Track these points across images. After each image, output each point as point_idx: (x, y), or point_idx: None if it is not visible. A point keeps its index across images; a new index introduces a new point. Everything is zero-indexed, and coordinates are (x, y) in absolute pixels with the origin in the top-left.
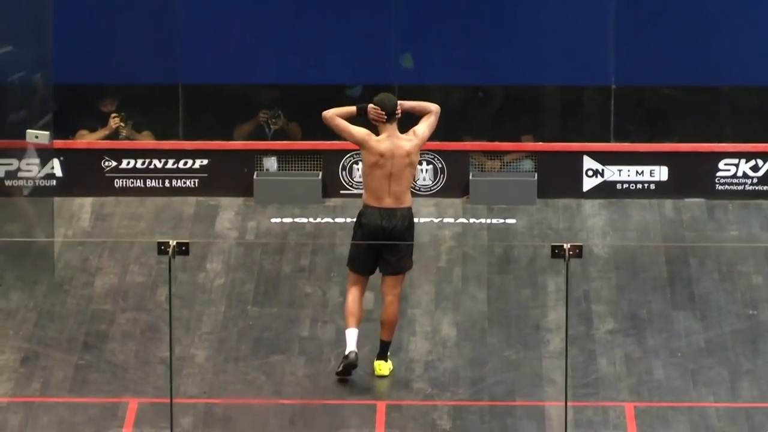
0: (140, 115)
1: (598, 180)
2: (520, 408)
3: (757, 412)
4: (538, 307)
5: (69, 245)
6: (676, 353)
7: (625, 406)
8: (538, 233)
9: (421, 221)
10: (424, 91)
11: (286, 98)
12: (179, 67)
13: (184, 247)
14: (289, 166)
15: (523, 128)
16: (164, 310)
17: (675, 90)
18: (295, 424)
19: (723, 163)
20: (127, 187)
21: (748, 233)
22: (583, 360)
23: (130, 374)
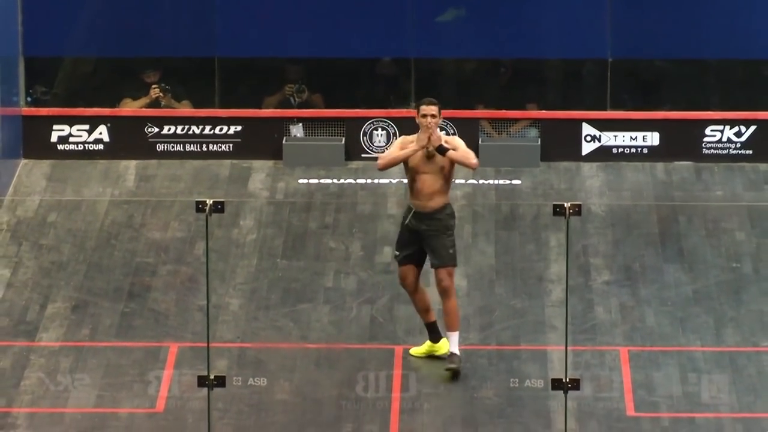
0: (180, 85)
1: (595, 145)
2: (525, 351)
3: (739, 356)
4: (541, 261)
5: (116, 204)
6: (666, 302)
7: (619, 350)
8: (541, 193)
9: None
10: (438, 64)
11: (310, 70)
12: (216, 42)
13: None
14: (315, 132)
15: (528, 98)
16: (201, 263)
17: (666, 62)
18: (320, 366)
19: (709, 129)
20: (168, 151)
21: (732, 193)
22: (582, 308)
23: (170, 321)
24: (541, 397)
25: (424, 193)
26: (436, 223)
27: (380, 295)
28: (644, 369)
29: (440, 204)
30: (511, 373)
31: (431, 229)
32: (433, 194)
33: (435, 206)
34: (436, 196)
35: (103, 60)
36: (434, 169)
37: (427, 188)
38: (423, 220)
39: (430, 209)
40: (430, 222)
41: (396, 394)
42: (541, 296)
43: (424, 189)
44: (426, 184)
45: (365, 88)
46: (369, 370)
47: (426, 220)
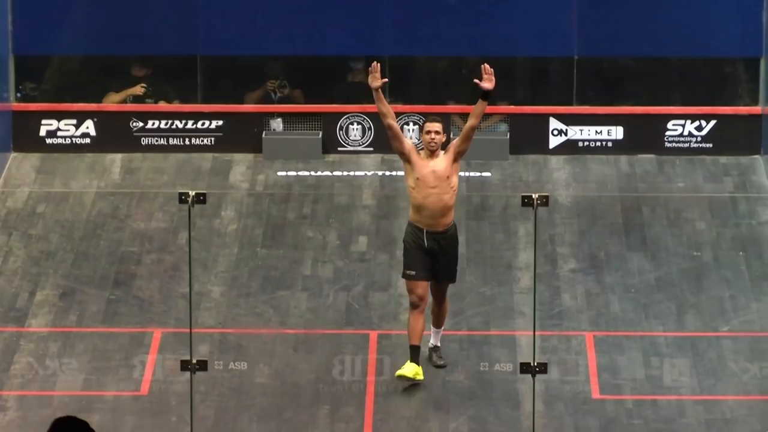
0: (164, 81)
1: (562, 138)
2: (494, 337)
3: (700, 341)
4: (510, 249)
5: (102, 195)
6: (630, 289)
7: (585, 335)
8: (510, 185)
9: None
10: (412, 62)
11: (290, 68)
12: (199, 40)
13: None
14: (293, 126)
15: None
16: (184, 252)
17: (630, 60)
18: (298, 350)
19: (671, 123)
20: (152, 144)
21: (693, 185)
22: (549, 295)
23: (154, 307)
24: (510, 381)
25: (436, 209)
26: (450, 240)
27: (356, 282)
28: (609, 353)
29: (451, 220)
30: (482, 357)
31: (447, 248)
32: (444, 210)
33: (447, 223)
34: (448, 213)
35: (90, 58)
36: (443, 182)
37: (438, 204)
38: (439, 239)
39: (443, 227)
40: (445, 240)
41: (371, 377)
42: (510, 283)
43: (436, 205)
44: (438, 200)
45: (340, 84)
46: (345, 354)
47: (441, 240)
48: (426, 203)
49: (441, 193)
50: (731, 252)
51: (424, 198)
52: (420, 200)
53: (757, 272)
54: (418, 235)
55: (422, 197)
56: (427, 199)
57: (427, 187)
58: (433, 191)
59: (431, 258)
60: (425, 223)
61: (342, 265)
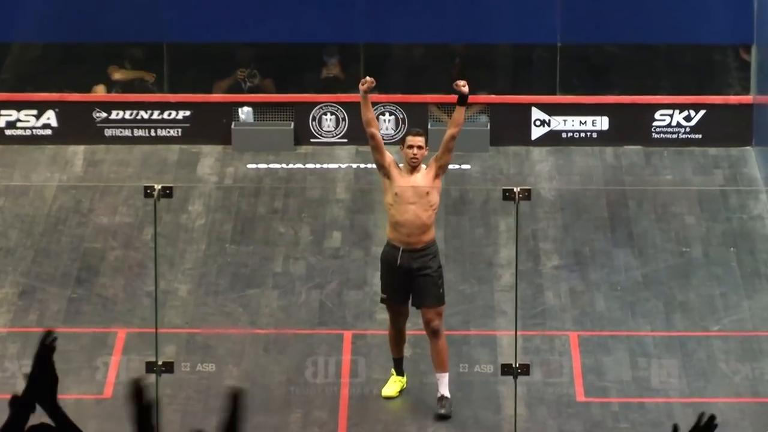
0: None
1: (545, 129)
2: (475, 337)
3: (689, 341)
4: (490, 245)
5: (63, 189)
6: (616, 287)
7: (569, 335)
8: (490, 178)
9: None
10: (387, 49)
11: (261, 56)
12: (165, 27)
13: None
14: (264, 117)
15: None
16: (150, 248)
17: (616, 47)
18: (269, 351)
19: (659, 113)
20: (116, 136)
21: (682, 177)
22: (532, 293)
23: (118, 306)
24: (491, 383)
25: (414, 226)
26: (427, 260)
27: (329, 280)
28: (594, 354)
29: (430, 238)
30: (461, 358)
31: (423, 268)
32: (423, 227)
33: (426, 241)
34: (426, 230)
35: (51, 46)
36: (422, 198)
37: (416, 221)
38: (414, 258)
39: (421, 245)
40: (422, 260)
41: (345, 379)
42: (490, 281)
43: (414, 222)
44: (415, 217)
45: (314, 73)
46: (318, 355)
47: (417, 258)
48: (403, 220)
49: (419, 209)
50: (722, 248)
51: (401, 214)
52: (397, 217)
53: (748, 269)
54: (393, 254)
55: (399, 213)
56: (404, 216)
57: (406, 202)
58: (411, 207)
59: (406, 279)
60: (402, 241)
61: (315, 262)
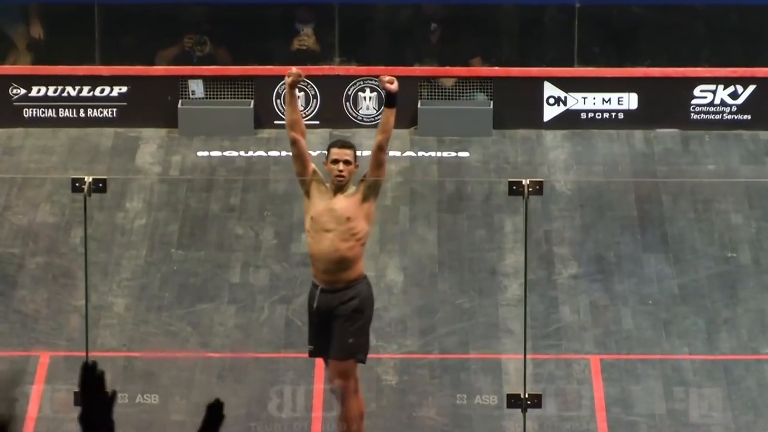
0: (53, 35)
1: (560, 109)
2: (475, 361)
3: (735, 365)
4: (494, 250)
5: None
6: (647, 300)
7: (590, 359)
8: (493, 168)
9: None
10: (368, 11)
11: (214, 18)
12: None
13: (101, 184)
14: (218, 93)
15: (476, 52)
16: (79, 254)
17: (645, 9)
18: (224, 379)
19: (698, 89)
20: (37, 117)
21: (726, 167)
22: (544, 308)
23: (41, 325)
24: (495, 417)
25: (330, 260)
26: (348, 303)
27: (298, 292)
28: (620, 382)
29: (354, 276)
30: (458, 387)
31: (343, 313)
32: (341, 262)
33: (348, 280)
34: (348, 266)
35: None
36: (341, 227)
37: (333, 254)
38: (332, 301)
39: (342, 284)
40: (342, 303)
41: (317, 413)
42: (494, 293)
43: (330, 255)
44: (332, 248)
45: (280, 40)
46: (284, 384)
47: (336, 301)
48: (317, 251)
49: (337, 239)
50: None
51: (316, 244)
52: (313, 247)
53: None
54: (312, 296)
55: (315, 243)
56: (318, 245)
57: (321, 229)
58: (328, 236)
59: (325, 326)
60: (320, 278)
61: (280, 271)
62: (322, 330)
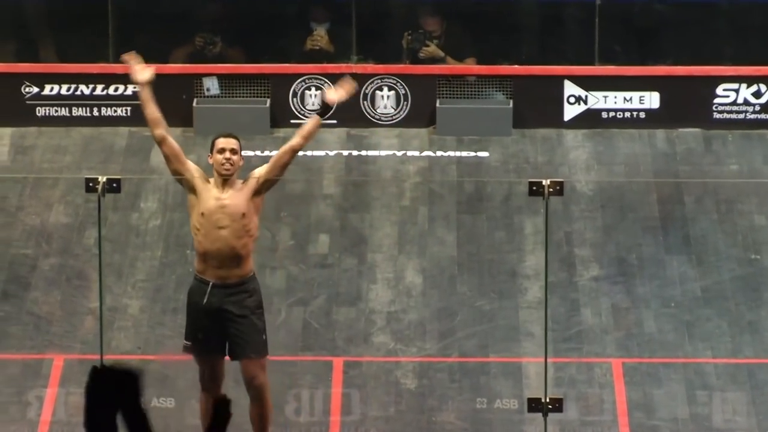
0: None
1: (581, 108)
2: (495, 364)
3: (760, 369)
4: (514, 252)
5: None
6: (670, 303)
7: (611, 362)
8: (513, 168)
9: (382, 154)
10: (385, 7)
11: (228, 16)
12: None
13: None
14: (234, 92)
15: (495, 50)
16: (93, 255)
17: (667, 6)
18: (240, 383)
19: (722, 88)
20: (50, 116)
21: (750, 167)
22: (565, 311)
23: (54, 327)
24: (516, 421)
25: (223, 256)
26: (244, 298)
27: (315, 294)
28: (642, 386)
29: (246, 272)
30: (478, 391)
31: (239, 308)
32: (236, 258)
33: (241, 275)
34: (243, 261)
35: None
36: (234, 221)
37: (229, 252)
38: (226, 296)
39: (235, 279)
40: (237, 297)
41: (335, 417)
42: (514, 296)
43: (222, 251)
44: (226, 246)
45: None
46: (301, 387)
47: (230, 296)
48: (212, 249)
49: (232, 236)
50: None
51: (209, 242)
52: (204, 244)
53: None
54: (200, 291)
55: (207, 240)
56: (213, 244)
57: (214, 227)
58: (222, 233)
59: (217, 323)
60: (211, 274)
61: (297, 272)
62: (209, 327)
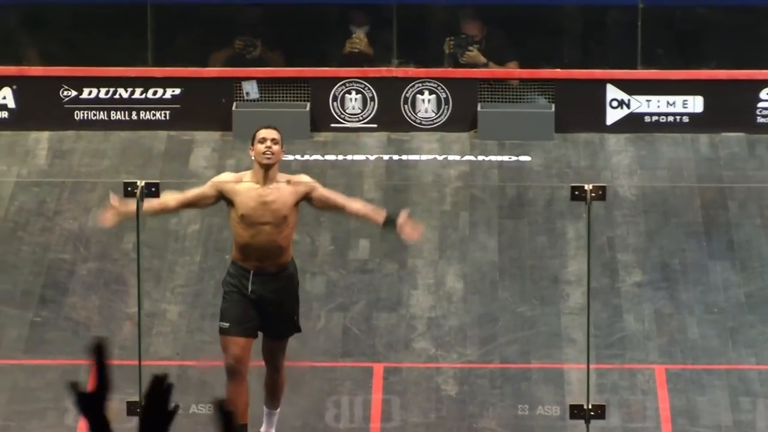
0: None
1: (623, 112)
2: (536, 371)
3: None
4: (556, 257)
5: (23, 186)
6: (713, 309)
7: (654, 369)
8: (555, 172)
9: (423, 159)
10: (425, 10)
11: (268, 19)
12: None
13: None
14: (273, 96)
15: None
16: (131, 260)
17: (710, 9)
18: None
19: (765, 92)
20: (89, 119)
21: None
22: (608, 317)
23: (92, 332)
24: (558, 428)
25: (265, 250)
26: (284, 284)
27: (355, 300)
28: (685, 392)
29: (286, 260)
30: (520, 397)
31: (280, 294)
32: (277, 250)
33: (282, 262)
34: (282, 252)
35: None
36: (277, 218)
37: (269, 244)
38: (267, 283)
39: (274, 269)
40: (276, 284)
41: (375, 424)
42: (556, 302)
43: (265, 245)
44: (268, 239)
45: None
46: (341, 394)
47: (270, 284)
48: (253, 243)
49: (274, 231)
50: None
51: (251, 235)
52: (246, 237)
53: None
54: (242, 278)
55: (248, 234)
56: (255, 238)
57: (256, 222)
58: (264, 228)
59: (256, 308)
60: (252, 264)
61: (337, 278)
62: (248, 312)
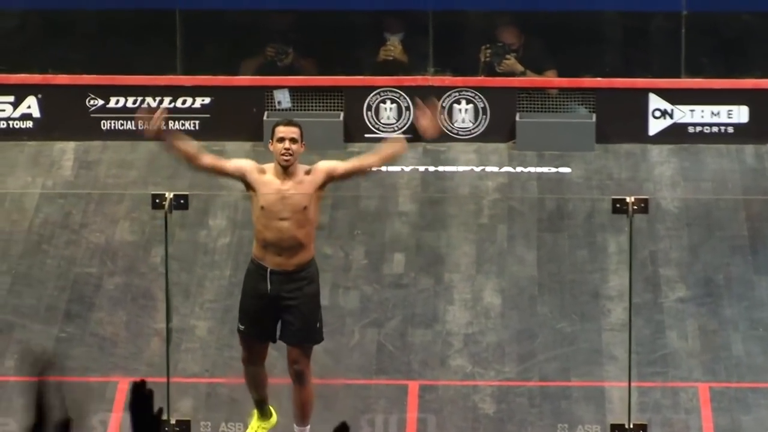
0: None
1: (666, 122)
2: (576, 389)
3: None
4: (596, 271)
5: (48, 198)
6: (758, 326)
7: (698, 387)
8: (596, 184)
9: (460, 170)
10: (461, 18)
11: (300, 26)
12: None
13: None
14: (306, 105)
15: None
16: (159, 274)
17: (755, 16)
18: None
19: None
20: (115, 129)
21: None
22: (650, 333)
23: (119, 349)
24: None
25: (284, 246)
26: (302, 285)
27: (390, 315)
28: (730, 411)
29: (306, 259)
30: (560, 416)
31: (295, 295)
32: (297, 247)
33: (300, 263)
34: (301, 250)
35: (32, 13)
36: (296, 212)
37: (288, 239)
38: (284, 282)
39: (293, 267)
40: (294, 284)
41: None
42: (597, 317)
43: (284, 241)
44: (287, 234)
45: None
46: (376, 412)
47: (288, 283)
48: (272, 238)
49: (293, 226)
50: None
51: (270, 231)
52: (265, 233)
53: None
54: (259, 277)
55: (268, 230)
56: (274, 234)
57: (275, 217)
58: (283, 224)
59: (273, 309)
60: (270, 261)
61: (371, 292)
62: (265, 313)
